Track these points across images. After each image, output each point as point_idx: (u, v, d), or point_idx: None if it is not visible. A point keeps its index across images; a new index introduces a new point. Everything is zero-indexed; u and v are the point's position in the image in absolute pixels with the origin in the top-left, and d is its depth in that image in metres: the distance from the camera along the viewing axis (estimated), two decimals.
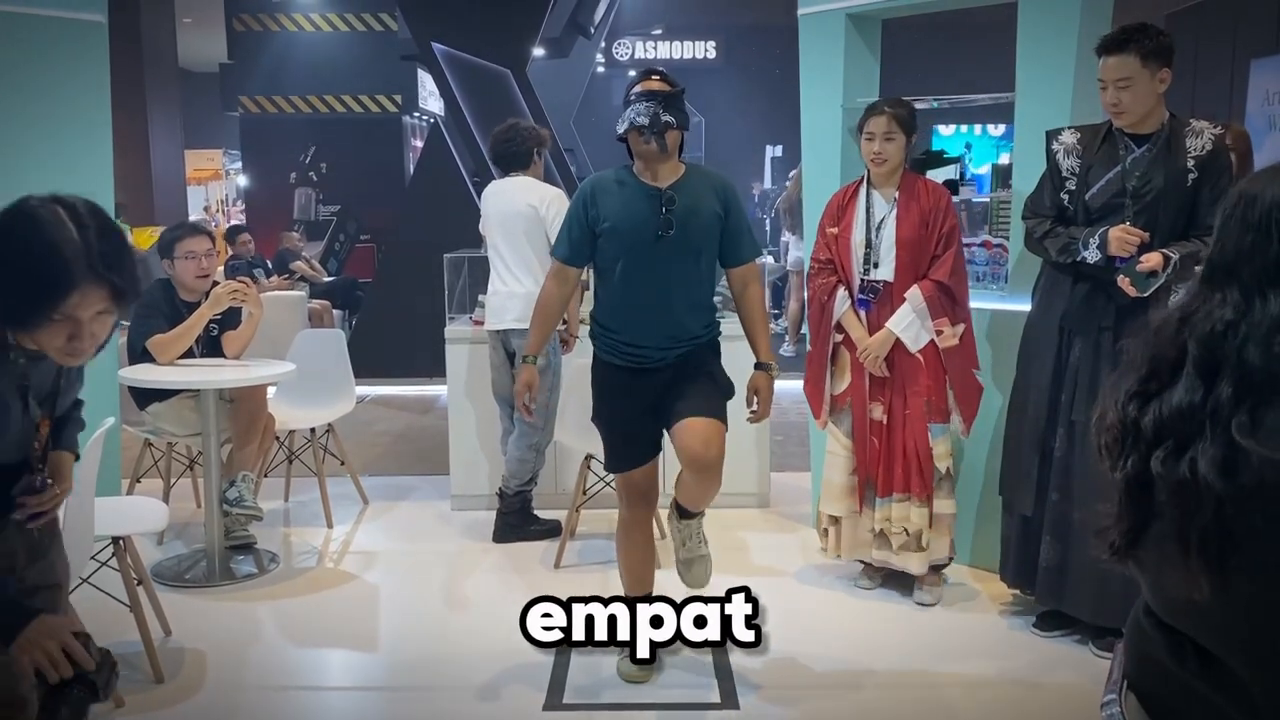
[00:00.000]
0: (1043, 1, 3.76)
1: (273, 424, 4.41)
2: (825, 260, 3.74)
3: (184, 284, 4.28)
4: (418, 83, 11.17)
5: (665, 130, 2.95)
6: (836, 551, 3.85)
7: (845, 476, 3.76)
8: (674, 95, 3.01)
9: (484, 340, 4.66)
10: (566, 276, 3.19)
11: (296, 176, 11.47)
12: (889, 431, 3.68)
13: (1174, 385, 1.14)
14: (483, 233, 4.67)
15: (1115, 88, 3.12)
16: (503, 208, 4.44)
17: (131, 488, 4.64)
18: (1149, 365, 1.19)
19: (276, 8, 10.90)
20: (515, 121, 4.69)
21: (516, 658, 3.38)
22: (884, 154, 3.57)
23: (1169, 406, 1.14)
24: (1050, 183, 3.36)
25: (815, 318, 3.80)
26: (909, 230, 3.56)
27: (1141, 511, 1.16)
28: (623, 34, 15.74)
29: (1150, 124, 3.19)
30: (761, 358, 3.18)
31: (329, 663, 3.53)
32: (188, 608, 3.77)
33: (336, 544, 4.53)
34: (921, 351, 3.59)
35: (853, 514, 3.77)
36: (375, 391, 7.35)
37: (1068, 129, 3.37)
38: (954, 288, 3.56)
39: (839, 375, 3.76)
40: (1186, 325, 1.16)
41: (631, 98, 3.02)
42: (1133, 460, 1.17)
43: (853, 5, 4.28)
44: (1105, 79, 3.14)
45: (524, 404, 3.20)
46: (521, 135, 4.53)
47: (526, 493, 4.49)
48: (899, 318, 3.58)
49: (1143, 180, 3.17)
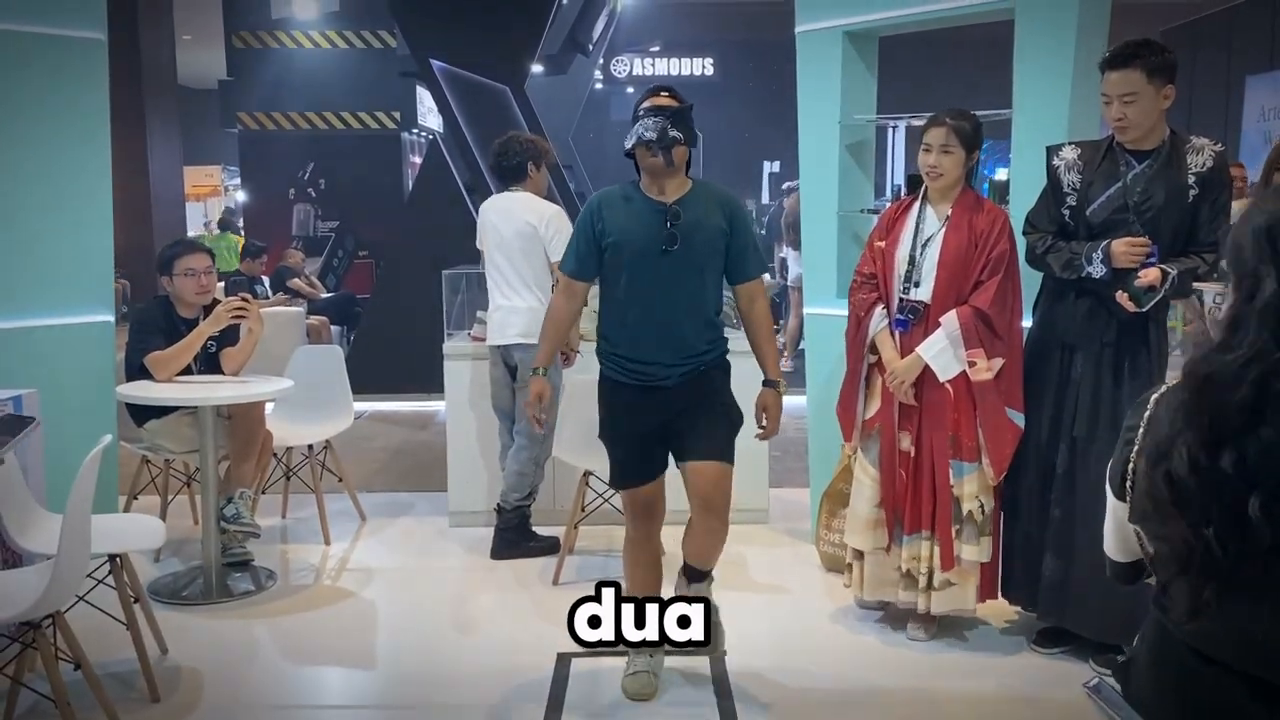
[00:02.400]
0: (1040, 18, 3.77)
1: (270, 440, 4.40)
2: (868, 275, 3.52)
3: (183, 300, 4.27)
4: (416, 99, 11.20)
5: (672, 145, 2.97)
6: (859, 590, 3.65)
7: (870, 508, 3.54)
8: (682, 111, 3.04)
9: (483, 356, 4.66)
10: (575, 291, 3.20)
11: (295, 192, 11.49)
12: (917, 465, 3.46)
13: (1254, 429, 1.12)
14: (479, 247, 4.67)
15: (1120, 103, 3.11)
16: (500, 225, 4.43)
17: (128, 505, 4.62)
18: (1212, 413, 1.17)
19: (276, 25, 10.94)
20: (513, 134, 4.65)
21: (515, 675, 3.37)
22: (939, 167, 3.35)
23: (1259, 448, 1.11)
24: (1051, 198, 3.36)
25: (851, 334, 3.58)
26: (953, 251, 3.33)
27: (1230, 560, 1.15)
28: (621, 51, 15.81)
29: (1152, 140, 3.19)
30: (769, 374, 3.17)
31: (326, 681, 3.51)
32: (184, 625, 3.75)
33: (334, 561, 4.52)
34: (952, 383, 3.36)
35: (879, 550, 3.55)
36: (373, 407, 7.34)
37: (1068, 144, 3.36)
38: (994, 317, 3.30)
39: (871, 398, 3.54)
40: (1252, 366, 1.14)
41: (640, 113, 3.04)
42: (1217, 509, 1.15)
43: (850, 23, 4.29)
44: (1110, 94, 3.13)
45: (535, 415, 3.20)
46: (518, 147, 4.49)
47: (525, 509, 4.48)
48: (931, 343, 3.35)
49: (1144, 196, 3.17)
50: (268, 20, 10.98)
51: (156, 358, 4.10)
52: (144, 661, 3.23)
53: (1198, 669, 1.21)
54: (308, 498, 4.84)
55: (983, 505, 3.41)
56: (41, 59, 4.33)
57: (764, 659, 3.47)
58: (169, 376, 4.10)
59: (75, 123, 4.45)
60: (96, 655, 3.12)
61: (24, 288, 4.37)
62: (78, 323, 4.50)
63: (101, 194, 4.56)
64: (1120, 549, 1.53)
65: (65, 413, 4.20)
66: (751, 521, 4.77)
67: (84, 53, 4.44)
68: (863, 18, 4.28)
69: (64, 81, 4.40)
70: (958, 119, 3.36)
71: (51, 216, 4.40)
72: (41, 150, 4.34)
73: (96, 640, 3.25)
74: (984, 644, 3.59)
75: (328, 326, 8.87)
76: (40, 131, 4.34)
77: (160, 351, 4.11)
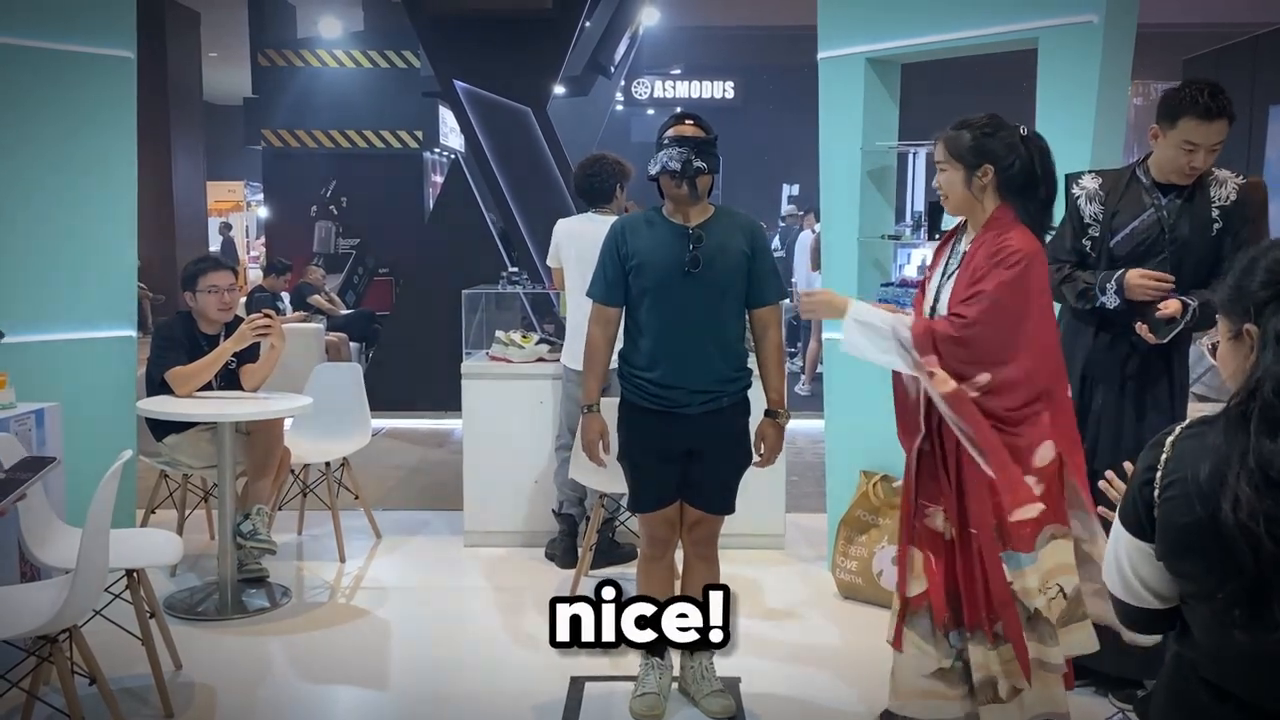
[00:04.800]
0: (1063, 48, 3.77)
1: (288, 457, 4.42)
2: (913, 304, 3.08)
3: (205, 316, 4.30)
4: (439, 119, 11.29)
5: (696, 175, 3.01)
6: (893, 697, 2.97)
7: (918, 678, 2.86)
8: (706, 141, 3.07)
9: (501, 375, 4.68)
10: (608, 318, 3.21)
11: (317, 210, 11.57)
12: (962, 551, 2.76)
13: None
14: (550, 264, 4.66)
15: (1208, 152, 3.03)
16: (584, 250, 4.27)
17: (146, 519, 4.64)
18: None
19: (301, 44, 11.06)
20: (601, 154, 4.63)
21: (528, 696, 3.35)
22: (941, 188, 2.84)
23: None
24: (1070, 227, 3.32)
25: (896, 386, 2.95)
26: (959, 289, 2.74)
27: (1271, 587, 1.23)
28: (642, 73, 15.89)
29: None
30: (771, 403, 3.19)
31: (339, 699, 3.50)
32: (199, 641, 3.75)
33: (349, 579, 4.52)
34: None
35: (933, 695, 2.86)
36: (390, 424, 7.36)
37: (1088, 173, 3.33)
38: (961, 336, 2.65)
39: (914, 577, 2.88)
40: None
41: (665, 141, 3.07)
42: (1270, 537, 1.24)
43: (873, 50, 4.30)
44: (1199, 143, 3.01)
45: (599, 457, 3.22)
46: (607, 169, 4.47)
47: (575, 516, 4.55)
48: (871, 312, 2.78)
49: (1170, 229, 3.15)
50: (293, 39, 11.11)
51: (177, 373, 4.13)
52: (158, 677, 3.23)
53: (1211, 705, 1.22)
54: (324, 514, 4.85)
55: (1062, 589, 2.71)
56: (71, 76, 4.39)
57: (778, 685, 3.45)
58: (189, 392, 4.12)
59: (102, 138, 4.50)
60: (111, 670, 3.13)
61: (47, 301, 4.41)
62: (100, 337, 4.53)
63: (126, 209, 4.61)
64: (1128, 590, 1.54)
65: (86, 427, 4.23)
66: (767, 547, 4.75)
67: (113, 70, 4.50)
68: (885, 45, 4.28)
69: (92, 98, 4.45)
70: (956, 128, 2.79)
71: (76, 231, 4.45)
72: (68, 165, 4.39)
73: (111, 655, 3.26)
74: None
75: (346, 343, 8.91)
76: (67, 147, 4.39)
77: (182, 367, 4.14)
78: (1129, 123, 5.49)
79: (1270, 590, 1.27)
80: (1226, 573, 1.31)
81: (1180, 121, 3.02)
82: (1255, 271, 1.42)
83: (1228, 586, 1.32)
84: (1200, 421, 1.45)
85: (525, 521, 4.84)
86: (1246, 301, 1.41)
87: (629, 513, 3.40)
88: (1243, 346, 1.42)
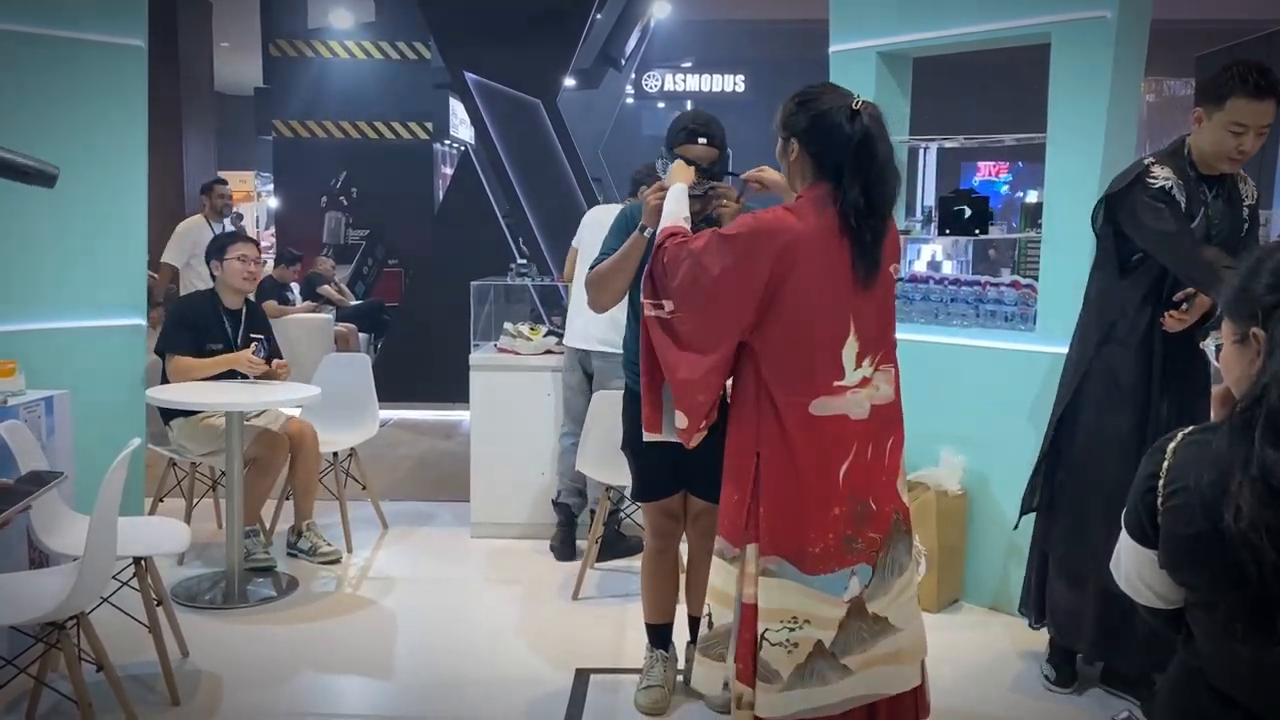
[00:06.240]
0: (1076, 43, 3.75)
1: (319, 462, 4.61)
2: None
3: (230, 285, 4.44)
4: (449, 111, 11.28)
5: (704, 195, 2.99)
6: None
7: None
8: (716, 168, 3.08)
9: (509, 367, 4.67)
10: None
11: (327, 200, 11.57)
12: None
13: None
14: (576, 246, 4.72)
15: (1256, 134, 2.90)
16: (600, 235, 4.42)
17: (154, 507, 4.66)
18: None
19: (312, 34, 11.05)
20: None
21: (534, 687, 3.36)
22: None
23: None
24: (1172, 214, 2.98)
25: None
26: None
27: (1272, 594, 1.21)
28: (652, 66, 15.86)
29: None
30: None
31: (345, 689, 3.51)
32: (206, 629, 3.77)
33: (355, 569, 4.53)
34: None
35: None
36: (398, 415, 7.37)
37: (1154, 163, 3.05)
38: (657, 267, 2.58)
39: None
40: None
41: (675, 153, 3.06)
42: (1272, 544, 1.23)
43: (884, 44, 4.29)
44: (1247, 124, 2.87)
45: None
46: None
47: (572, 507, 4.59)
48: (681, 197, 2.76)
49: (1214, 228, 3.05)
50: (304, 30, 11.09)
51: (179, 363, 4.28)
52: (165, 664, 3.25)
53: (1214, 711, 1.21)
54: (331, 504, 4.86)
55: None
56: (83, 64, 4.40)
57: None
58: (181, 382, 4.26)
59: (113, 127, 4.51)
60: (118, 657, 3.14)
61: (57, 289, 4.43)
62: (109, 325, 4.56)
63: (136, 198, 4.62)
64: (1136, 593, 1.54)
65: (95, 414, 4.24)
66: None
67: (124, 59, 4.51)
68: (896, 39, 4.27)
69: (104, 87, 4.47)
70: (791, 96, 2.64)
71: (86, 219, 4.47)
72: (79, 154, 4.39)
73: (119, 642, 3.28)
74: (1003, 670, 3.55)
75: (355, 334, 8.92)
76: (79, 136, 4.40)
77: (184, 358, 4.28)
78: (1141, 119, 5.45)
79: (1273, 604, 1.25)
80: (1229, 584, 1.29)
81: (1229, 102, 2.88)
82: (1260, 274, 1.38)
83: (1230, 598, 1.31)
84: (1203, 428, 1.43)
85: (532, 513, 4.85)
86: (1253, 305, 1.37)
87: (633, 504, 3.39)
88: (1248, 350, 1.37)
